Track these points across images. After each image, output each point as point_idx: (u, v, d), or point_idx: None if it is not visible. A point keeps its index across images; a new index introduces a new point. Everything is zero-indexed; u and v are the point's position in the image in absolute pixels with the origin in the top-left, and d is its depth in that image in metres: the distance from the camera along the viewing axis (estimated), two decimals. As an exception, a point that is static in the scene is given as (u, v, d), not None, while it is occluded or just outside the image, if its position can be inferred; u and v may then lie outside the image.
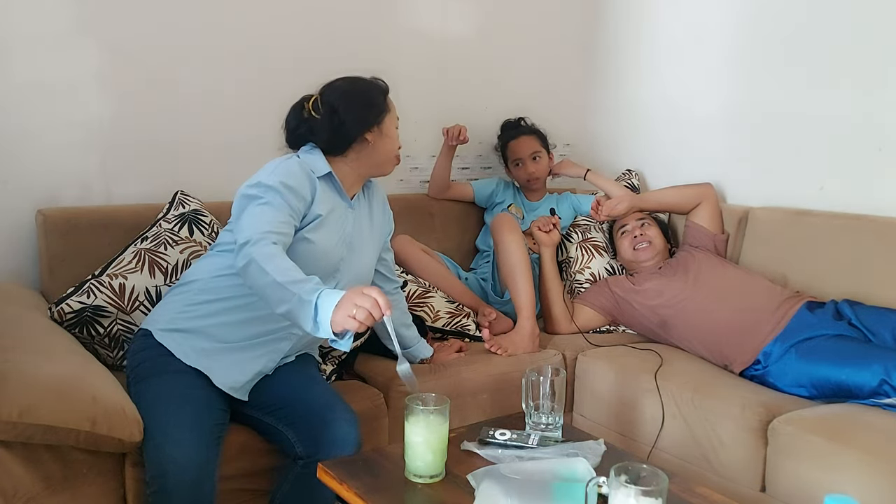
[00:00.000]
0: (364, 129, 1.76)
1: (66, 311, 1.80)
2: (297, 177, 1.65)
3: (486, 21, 2.85)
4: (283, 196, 1.60)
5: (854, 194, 2.24)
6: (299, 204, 1.64)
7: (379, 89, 1.81)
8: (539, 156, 2.69)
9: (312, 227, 1.68)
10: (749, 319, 2.05)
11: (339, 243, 1.75)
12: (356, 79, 1.80)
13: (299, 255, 1.63)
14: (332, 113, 1.74)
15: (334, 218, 1.74)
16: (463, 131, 2.60)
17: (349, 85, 1.79)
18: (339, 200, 1.77)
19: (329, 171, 1.74)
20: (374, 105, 1.78)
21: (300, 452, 1.56)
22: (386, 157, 1.82)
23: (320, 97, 1.76)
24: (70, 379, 1.46)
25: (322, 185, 1.72)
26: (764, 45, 2.49)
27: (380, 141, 1.79)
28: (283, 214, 1.59)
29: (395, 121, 1.82)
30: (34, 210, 2.05)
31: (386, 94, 1.82)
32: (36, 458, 1.38)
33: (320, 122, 1.74)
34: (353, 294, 1.36)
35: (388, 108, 1.81)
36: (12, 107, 2.03)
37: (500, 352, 2.13)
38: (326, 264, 1.72)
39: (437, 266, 2.40)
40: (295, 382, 1.67)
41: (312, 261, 1.65)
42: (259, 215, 1.57)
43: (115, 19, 2.14)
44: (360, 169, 1.81)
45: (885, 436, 1.60)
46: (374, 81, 1.82)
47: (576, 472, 1.30)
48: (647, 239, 2.44)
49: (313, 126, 1.75)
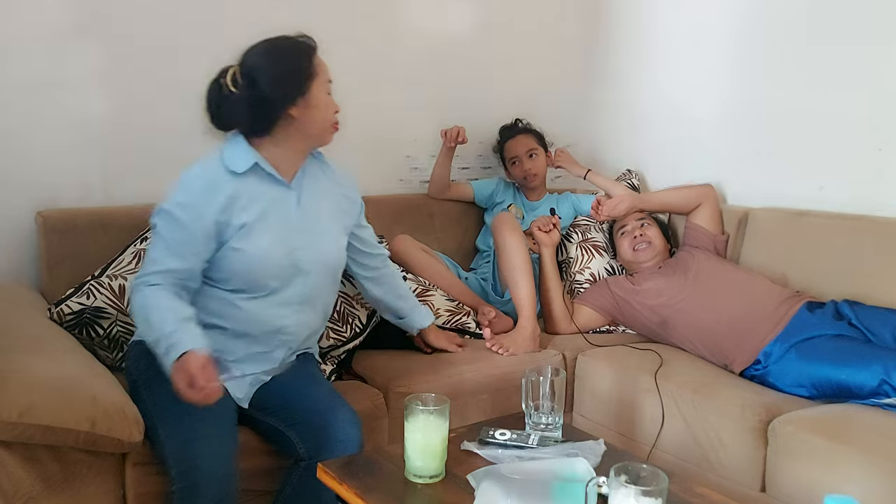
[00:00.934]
0: (287, 104, 1.56)
1: (66, 312, 1.80)
2: (195, 192, 1.54)
3: (486, 21, 2.85)
4: (176, 221, 1.52)
5: (854, 194, 2.24)
6: (200, 223, 1.52)
7: (302, 50, 1.59)
8: (535, 153, 2.69)
9: (239, 237, 1.56)
10: (749, 319, 2.05)
11: (280, 240, 1.61)
12: (276, 40, 1.60)
13: (234, 266, 1.57)
14: (251, 86, 1.54)
15: (271, 214, 1.60)
16: (461, 132, 2.60)
17: (268, 49, 1.58)
18: (275, 189, 1.62)
19: (254, 162, 1.58)
20: (297, 72, 1.57)
21: (303, 454, 1.56)
22: (319, 129, 1.63)
23: (239, 68, 1.56)
24: (70, 379, 1.46)
25: (249, 180, 1.58)
26: (764, 44, 2.49)
27: (307, 114, 1.58)
28: (173, 244, 1.52)
29: (325, 85, 1.61)
30: (34, 211, 2.05)
31: (312, 56, 1.60)
32: (36, 458, 1.38)
33: (239, 100, 1.54)
34: (174, 378, 1.37)
35: (313, 72, 1.58)
36: (12, 107, 2.03)
37: (501, 351, 2.13)
38: (273, 266, 1.60)
39: (437, 265, 2.40)
40: (296, 383, 1.66)
41: (252, 268, 1.58)
42: (149, 250, 1.56)
43: (115, 19, 2.14)
44: (294, 147, 1.63)
45: (885, 436, 1.60)
46: (297, 41, 1.60)
47: (576, 472, 1.30)
48: (646, 239, 2.44)
49: (234, 105, 1.55)
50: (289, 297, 1.64)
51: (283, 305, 1.64)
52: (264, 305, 1.62)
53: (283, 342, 1.67)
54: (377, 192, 2.64)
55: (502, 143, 2.76)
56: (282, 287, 1.63)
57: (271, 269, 1.60)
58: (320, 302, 1.74)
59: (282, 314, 1.64)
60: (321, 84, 1.60)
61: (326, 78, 1.62)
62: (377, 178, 2.68)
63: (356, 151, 2.61)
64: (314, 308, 1.72)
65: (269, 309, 1.62)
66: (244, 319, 1.61)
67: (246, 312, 1.61)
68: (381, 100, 2.65)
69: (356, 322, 2.04)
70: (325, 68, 1.62)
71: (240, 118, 1.57)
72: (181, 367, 1.37)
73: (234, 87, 1.55)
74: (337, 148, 2.53)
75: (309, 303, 1.69)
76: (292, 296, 1.65)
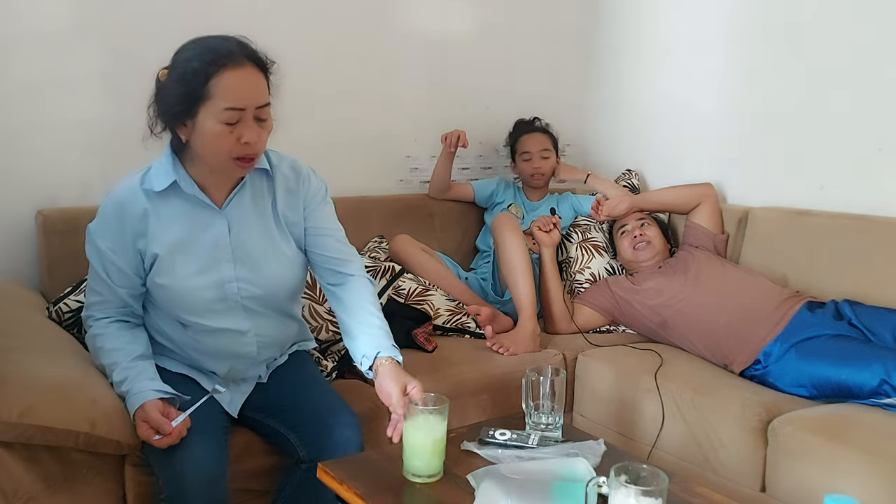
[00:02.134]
0: (173, 123, 1.37)
1: (64, 310, 1.81)
2: (107, 217, 1.45)
3: (486, 21, 2.85)
4: (97, 249, 1.45)
5: (854, 194, 2.24)
6: (119, 251, 1.44)
7: (203, 60, 1.31)
8: (548, 154, 2.70)
9: (159, 270, 1.44)
10: (749, 319, 2.05)
11: (206, 271, 1.46)
12: (197, 41, 1.37)
13: (163, 302, 1.49)
14: (157, 94, 1.38)
15: (195, 241, 1.46)
16: (462, 137, 2.59)
17: (184, 51, 1.37)
18: (201, 212, 1.46)
19: (173, 180, 1.42)
20: (186, 87, 1.32)
21: (302, 456, 1.55)
22: (211, 160, 1.38)
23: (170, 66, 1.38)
24: (70, 380, 1.46)
25: (170, 201, 1.44)
26: (764, 45, 2.49)
27: (195, 140, 1.36)
28: (102, 273, 1.46)
29: (222, 113, 1.32)
30: (34, 210, 2.05)
31: (211, 74, 1.31)
32: (36, 458, 1.38)
33: (152, 101, 1.40)
34: (138, 427, 1.39)
35: (205, 94, 1.31)
36: (12, 106, 2.03)
37: (501, 350, 2.13)
38: (203, 300, 1.46)
39: (437, 265, 2.40)
40: (295, 385, 1.65)
41: (180, 305, 1.46)
42: (88, 279, 1.53)
43: (115, 19, 2.14)
44: (208, 168, 1.43)
45: (885, 436, 1.60)
46: (206, 46, 1.34)
47: (576, 472, 1.30)
48: (646, 239, 2.44)
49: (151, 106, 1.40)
50: (238, 326, 1.54)
51: (238, 335, 1.55)
52: (219, 338, 1.54)
53: (252, 361, 1.60)
54: (377, 192, 2.64)
55: (517, 135, 2.76)
56: (223, 321, 1.52)
57: (199, 302, 1.47)
58: (276, 317, 1.60)
59: (238, 342, 1.56)
60: (215, 110, 1.32)
61: (231, 105, 1.32)
62: (377, 178, 2.69)
63: (356, 151, 2.63)
64: (272, 323, 1.60)
65: (224, 340, 1.54)
66: (201, 350, 1.56)
67: (201, 344, 1.55)
68: (382, 100, 2.65)
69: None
70: (231, 92, 1.32)
71: (151, 122, 1.41)
72: (143, 417, 1.39)
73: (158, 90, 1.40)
74: (337, 148, 2.55)
75: (264, 324, 1.58)
76: (242, 325, 1.54)
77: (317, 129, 2.45)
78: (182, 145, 1.42)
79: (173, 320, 1.54)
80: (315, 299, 2.00)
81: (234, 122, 1.34)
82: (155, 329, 1.58)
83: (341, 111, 2.57)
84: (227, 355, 1.57)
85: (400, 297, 2.24)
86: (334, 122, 2.55)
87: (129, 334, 1.52)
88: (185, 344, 1.56)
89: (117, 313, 1.53)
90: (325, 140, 2.49)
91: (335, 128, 2.55)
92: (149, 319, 1.58)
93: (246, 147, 1.36)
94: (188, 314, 1.50)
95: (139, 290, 1.52)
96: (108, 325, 1.51)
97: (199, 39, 1.38)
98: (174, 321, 1.54)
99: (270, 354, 1.65)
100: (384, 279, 2.26)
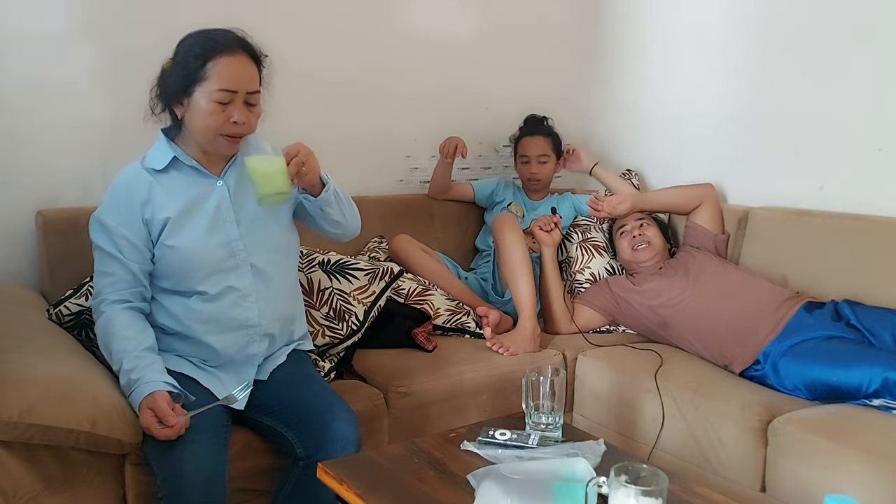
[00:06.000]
0: (171, 100, 1.56)
1: (65, 313, 1.80)
2: (117, 195, 1.57)
3: (486, 22, 2.85)
4: (107, 228, 1.55)
5: (854, 194, 2.24)
6: (129, 224, 1.55)
7: (203, 46, 1.52)
8: (545, 160, 2.69)
9: (169, 233, 1.56)
10: (749, 320, 2.05)
11: (213, 231, 1.59)
12: (200, 31, 1.56)
13: (173, 264, 1.57)
14: (159, 78, 1.58)
15: (199, 207, 1.59)
16: (460, 145, 2.57)
17: (187, 39, 1.56)
18: (202, 182, 1.61)
19: (171, 157, 1.58)
20: (185, 69, 1.52)
21: (300, 454, 1.56)
22: (201, 136, 1.55)
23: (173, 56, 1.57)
24: (70, 379, 1.46)
25: (171, 175, 1.59)
26: (764, 45, 2.49)
27: (189, 116, 1.55)
28: (113, 252, 1.54)
29: (215, 93, 1.50)
30: (34, 210, 2.05)
31: (208, 58, 1.51)
32: (36, 458, 1.38)
33: (155, 86, 1.59)
34: (141, 415, 1.41)
35: (202, 76, 1.50)
36: (12, 107, 2.03)
37: (501, 350, 2.13)
38: (211, 258, 1.58)
39: (437, 265, 2.40)
40: (293, 383, 1.66)
41: (190, 264, 1.56)
42: (95, 265, 1.58)
43: (115, 19, 2.14)
44: (200, 149, 1.60)
45: (885, 436, 1.60)
46: (207, 35, 1.54)
47: (576, 472, 1.30)
48: (646, 239, 2.44)
49: (154, 89, 1.59)
50: (241, 287, 1.61)
51: (240, 298, 1.61)
52: (222, 303, 1.59)
53: (254, 334, 1.64)
54: (377, 192, 2.64)
55: (519, 136, 2.75)
56: (229, 280, 1.60)
57: (209, 261, 1.58)
58: (277, 283, 1.67)
59: (240, 306, 1.61)
60: (209, 90, 1.50)
61: (224, 87, 1.50)
62: (377, 178, 2.69)
63: (356, 151, 2.62)
64: (274, 289, 1.66)
65: (226, 305, 1.60)
66: (205, 321, 1.59)
67: (204, 314, 1.59)
68: (382, 100, 2.65)
69: (352, 319, 2.03)
70: (225, 75, 1.51)
71: (152, 103, 1.60)
72: (150, 405, 1.41)
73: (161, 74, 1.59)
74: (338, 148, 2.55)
75: (265, 289, 1.64)
76: (244, 286, 1.61)
77: (317, 128, 2.44)
78: (177, 125, 1.59)
79: (175, 295, 1.59)
80: (312, 305, 2.01)
81: (226, 102, 1.52)
82: (158, 322, 1.60)
83: (341, 111, 2.57)
84: (229, 324, 1.60)
85: (400, 297, 2.24)
86: (334, 121, 2.54)
87: (140, 324, 1.56)
88: (187, 317, 1.59)
89: (129, 295, 1.55)
90: (325, 140, 2.47)
91: (335, 128, 2.55)
92: (156, 312, 1.61)
93: (234, 126, 1.53)
94: (194, 277, 1.56)
95: (149, 266, 1.58)
96: (121, 311, 1.54)
97: (201, 31, 1.56)
98: (176, 296, 1.59)
99: (269, 331, 1.66)
100: (384, 279, 2.26)
